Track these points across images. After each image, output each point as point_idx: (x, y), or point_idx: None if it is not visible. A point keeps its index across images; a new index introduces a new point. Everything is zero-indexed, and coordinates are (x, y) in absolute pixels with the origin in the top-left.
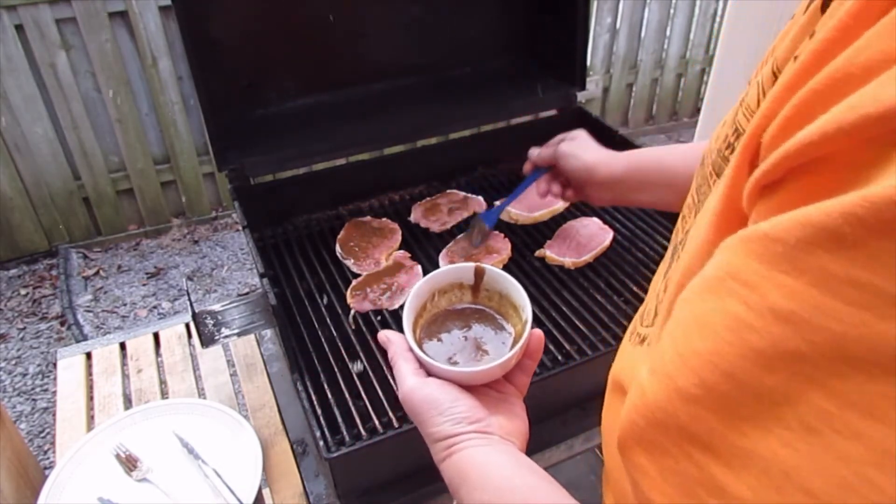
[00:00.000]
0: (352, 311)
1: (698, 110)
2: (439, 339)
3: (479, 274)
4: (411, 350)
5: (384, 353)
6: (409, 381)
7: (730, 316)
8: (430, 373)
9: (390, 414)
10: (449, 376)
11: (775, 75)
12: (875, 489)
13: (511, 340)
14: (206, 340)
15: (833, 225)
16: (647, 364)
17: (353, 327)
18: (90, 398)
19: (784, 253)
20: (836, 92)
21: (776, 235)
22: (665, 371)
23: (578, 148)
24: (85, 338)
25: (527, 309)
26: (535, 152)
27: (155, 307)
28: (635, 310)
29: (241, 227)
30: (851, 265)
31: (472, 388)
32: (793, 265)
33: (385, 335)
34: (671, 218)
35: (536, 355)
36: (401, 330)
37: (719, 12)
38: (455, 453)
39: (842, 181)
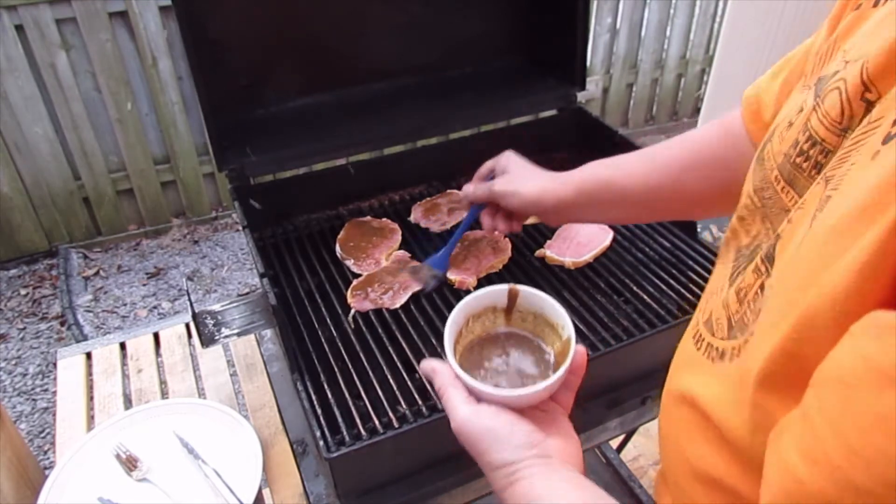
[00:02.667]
0: (352, 311)
1: (698, 110)
2: (481, 366)
3: (512, 296)
4: (458, 378)
5: (384, 352)
6: (462, 410)
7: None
8: (479, 399)
9: (390, 414)
10: (501, 400)
11: (865, 85)
12: None
13: (552, 359)
14: (206, 340)
15: None
16: (795, 445)
17: (353, 327)
18: (90, 398)
19: None
20: None
21: None
22: (833, 464)
23: (514, 182)
24: (85, 338)
25: (567, 326)
26: (468, 189)
27: (155, 307)
28: (635, 310)
29: (241, 227)
30: None
31: (520, 410)
32: None
33: (430, 365)
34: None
35: (580, 371)
36: (404, 330)
37: (719, 12)
38: (517, 482)
39: None
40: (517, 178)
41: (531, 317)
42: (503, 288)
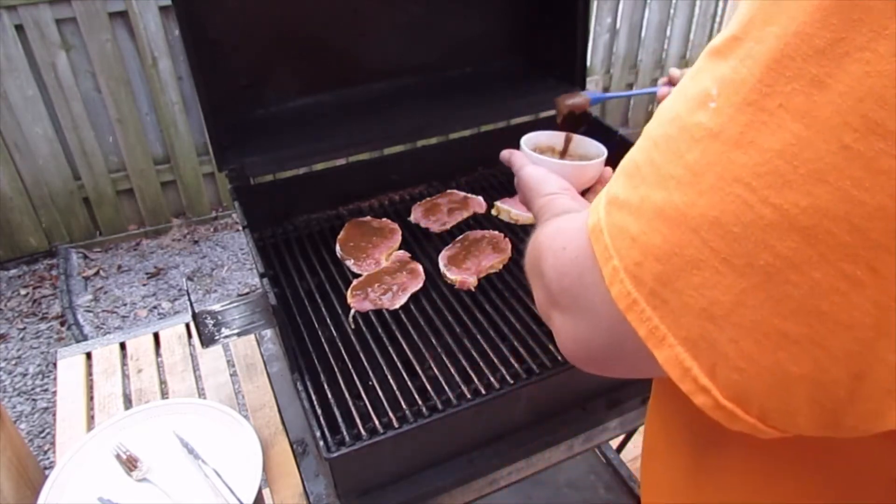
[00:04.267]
0: (352, 311)
1: None
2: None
3: (567, 140)
4: (527, 157)
5: (384, 352)
6: (529, 166)
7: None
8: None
9: (390, 414)
10: (552, 165)
11: None
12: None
13: None
14: (206, 340)
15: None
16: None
17: (353, 327)
18: (90, 398)
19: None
20: None
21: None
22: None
23: None
24: (85, 338)
25: (602, 151)
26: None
27: (155, 307)
28: None
29: (241, 227)
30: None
31: None
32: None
33: (508, 151)
34: None
35: (607, 181)
36: (404, 330)
37: (719, 12)
38: (551, 202)
39: None
40: None
41: (578, 158)
42: (560, 134)
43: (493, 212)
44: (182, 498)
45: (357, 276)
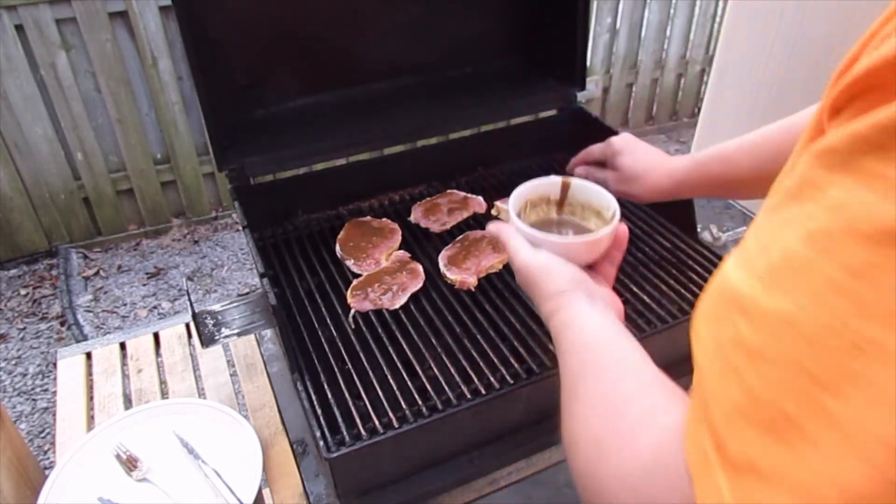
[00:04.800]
0: (352, 311)
1: (698, 110)
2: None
3: (564, 188)
4: (520, 232)
5: (384, 352)
6: (525, 251)
7: (804, 213)
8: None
9: (390, 414)
10: (556, 247)
11: None
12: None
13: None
14: (206, 340)
15: (870, 134)
16: (733, 257)
17: (353, 327)
18: (90, 398)
19: (841, 159)
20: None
21: (834, 146)
22: (747, 258)
23: (633, 186)
24: (85, 338)
25: (612, 205)
26: (579, 171)
27: (155, 307)
28: (635, 310)
29: (241, 227)
30: (885, 165)
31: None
32: (845, 167)
33: (495, 224)
34: (672, 218)
35: (623, 246)
36: (404, 330)
37: (719, 12)
38: (563, 308)
39: (887, 103)
40: (638, 178)
41: (580, 208)
42: (557, 179)
43: (493, 212)
44: (182, 498)
45: (357, 276)
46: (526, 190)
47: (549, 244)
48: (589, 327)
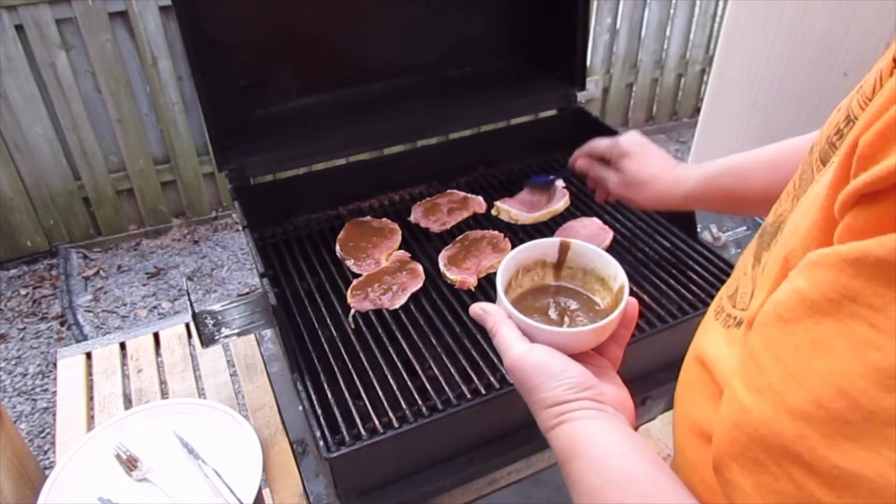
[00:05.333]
0: (352, 311)
1: (698, 110)
2: (532, 313)
3: (563, 250)
4: (511, 318)
5: (384, 352)
6: (517, 347)
7: (854, 337)
8: (533, 339)
9: (390, 414)
10: (554, 339)
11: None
12: None
13: (603, 311)
14: (206, 340)
15: None
16: (742, 381)
17: (353, 327)
18: (90, 398)
19: None
20: None
21: (884, 258)
22: (774, 389)
23: (637, 192)
24: (85, 338)
25: (619, 276)
26: (581, 164)
27: (155, 307)
28: None
29: (241, 227)
30: None
31: (572, 357)
32: None
33: (480, 307)
34: (671, 218)
35: (631, 324)
36: (404, 330)
37: (719, 12)
38: (567, 422)
39: None
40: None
41: (581, 273)
42: (554, 241)
43: (493, 212)
44: (182, 498)
45: (357, 276)
46: (519, 254)
47: (543, 335)
48: (601, 451)
